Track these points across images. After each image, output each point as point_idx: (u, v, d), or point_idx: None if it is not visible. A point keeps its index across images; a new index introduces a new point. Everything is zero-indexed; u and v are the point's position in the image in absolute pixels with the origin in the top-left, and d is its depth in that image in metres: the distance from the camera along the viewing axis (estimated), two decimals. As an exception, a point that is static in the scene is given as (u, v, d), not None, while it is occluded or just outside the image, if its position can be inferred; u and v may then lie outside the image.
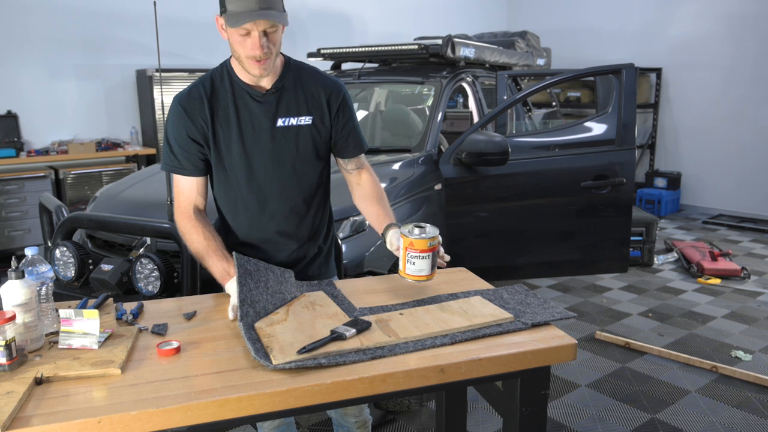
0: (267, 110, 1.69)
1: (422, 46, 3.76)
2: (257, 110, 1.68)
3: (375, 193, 1.85)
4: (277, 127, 1.69)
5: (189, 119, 1.66)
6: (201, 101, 1.66)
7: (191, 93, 1.68)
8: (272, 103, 1.69)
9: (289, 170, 1.73)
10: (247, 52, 1.57)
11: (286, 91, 1.70)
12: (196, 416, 1.14)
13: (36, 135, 5.32)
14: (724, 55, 6.47)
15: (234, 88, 1.68)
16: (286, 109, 1.70)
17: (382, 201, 1.84)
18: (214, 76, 1.70)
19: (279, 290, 1.60)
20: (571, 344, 1.39)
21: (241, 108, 1.68)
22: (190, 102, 1.67)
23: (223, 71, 1.70)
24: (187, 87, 1.71)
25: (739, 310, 3.97)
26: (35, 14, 5.16)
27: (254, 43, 1.54)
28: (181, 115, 1.67)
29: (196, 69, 5.66)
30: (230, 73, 1.69)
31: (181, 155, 1.69)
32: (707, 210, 6.79)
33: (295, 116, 1.71)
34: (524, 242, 3.42)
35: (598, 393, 2.94)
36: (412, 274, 1.64)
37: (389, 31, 7.03)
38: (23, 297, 1.32)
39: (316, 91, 1.73)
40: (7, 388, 1.16)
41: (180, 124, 1.67)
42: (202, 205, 1.75)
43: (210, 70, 1.73)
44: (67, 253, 2.32)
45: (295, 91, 1.71)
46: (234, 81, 1.68)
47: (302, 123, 1.71)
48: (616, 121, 3.27)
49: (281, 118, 1.69)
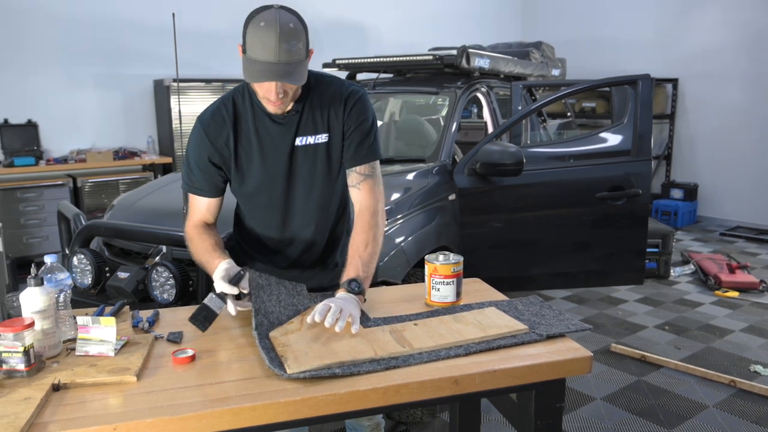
0: (286, 131, 1.69)
1: (437, 57, 3.77)
2: (276, 131, 1.68)
3: (359, 240, 1.67)
4: (295, 146, 1.70)
5: (210, 143, 1.67)
6: (223, 124, 1.67)
7: (214, 116, 1.68)
8: (292, 123, 1.68)
9: (308, 188, 1.74)
10: (262, 93, 1.57)
11: (305, 111, 1.69)
12: (210, 424, 1.14)
13: (55, 143, 5.40)
14: (741, 66, 6.42)
15: (254, 110, 1.68)
16: (305, 128, 1.70)
17: (362, 249, 1.65)
18: (236, 97, 1.70)
19: (292, 303, 1.61)
20: (586, 357, 1.38)
21: (261, 130, 1.68)
22: (213, 125, 1.68)
23: (245, 92, 1.70)
24: (209, 108, 1.71)
25: (758, 324, 3.91)
26: (56, 25, 5.25)
27: (270, 89, 1.54)
28: (203, 139, 1.68)
29: (213, 79, 5.72)
30: (251, 94, 1.68)
31: (199, 177, 1.71)
32: (724, 222, 6.70)
33: (313, 134, 1.70)
34: (539, 253, 3.39)
35: (613, 406, 2.91)
36: (437, 300, 1.67)
37: (404, 41, 7.05)
38: (42, 304, 1.33)
39: (334, 103, 1.70)
40: (25, 394, 1.17)
41: (201, 147, 1.69)
42: (212, 222, 1.79)
43: (231, 90, 1.73)
44: (85, 260, 2.35)
45: (312, 109, 1.69)
46: (255, 103, 1.68)
47: (319, 141, 1.71)
48: (631, 132, 3.25)
49: (300, 138, 1.69)
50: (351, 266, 1.64)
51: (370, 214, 1.71)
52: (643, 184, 3.24)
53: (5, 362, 1.24)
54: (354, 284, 1.58)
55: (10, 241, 4.81)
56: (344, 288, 1.58)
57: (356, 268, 1.62)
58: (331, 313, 1.43)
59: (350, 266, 1.64)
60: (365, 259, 1.64)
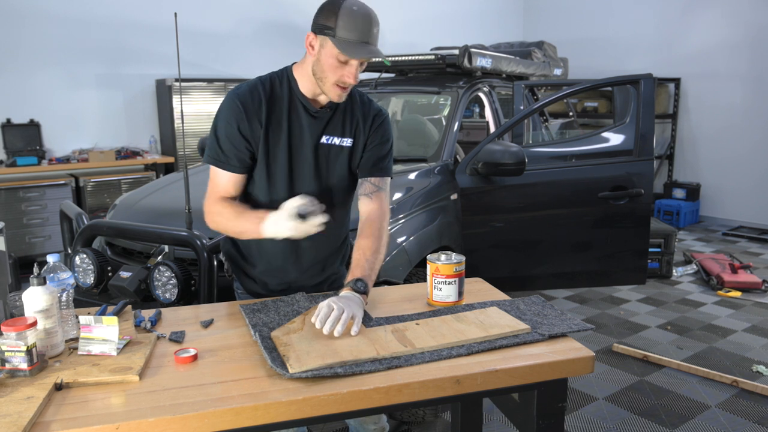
0: (316, 125, 1.71)
1: (439, 56, 3.77)
2: (307, 123, 1.70)
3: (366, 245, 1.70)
4: (320, 143, 1.72)
5: (245, 116, 1.65)
6: (260, 102, 1.66)
7: (252, 91, 1.67)
8: (323, 119, 1.71)
9: (324, 186, 1.76)
10: (340, 78, 1.60)
11: (338, 111, 1.73)
12: (212, 424, 1.15)
13: (57, 143, 5.41)
14: (743, 65, 6.40)
15: (291, 97, 1.69)
16: (333, 128, 1.73)
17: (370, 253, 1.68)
18: (274, 80, 1.70)
19: (291, 311, 1.61)
20: (588, 356, 1.38)
21: (293, 118, 1.70)
22: (250, 99, 1.66)
23: (284, 77, 1.70)
24: (246, 84, 1.69)
25: (760, 324, 3.90)
26: (58, 25, 5.26)
27: (351, 73, 1.59)
28: (238, 111, 1.65)
29: (215, 79, 5.72)
30: (290, 81, 1.69)
31: (228, 150, 1.66)
32: (727, 221, 6.69)
33: (339, 136, 1.73)
34: (541, 253, 3.39)
35: (615, 406, 2.90)
36: (439, 300, 1.68)
37: (406, 41, 7.05)
38: (45, 303, 1.34)
39: (364, 116, 1.76)
40: (28, 393, 1.18)
41: (234, 119, 1.65)
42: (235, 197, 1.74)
43: (269, 74, 1.72)
44: (87, 260, 2.35)
45: (344, 112, 1.74)
46: (293, 90, 1.69)
47: (344, 144, 1.74)
48: (634, 132, 3.25)
49: (326, 136, 1.72)
50: (357, 267, 1.65)
51: (378, 222, 1.75)
52: (645, 183, 3.24)
53: (8, 361, 1.24)
54: (360, 283, 1.59)
55: (13, 240, 4.82)
56: (350, 287, 1.58)
57: (363, 268, 1.64)
58: (331, 319, 1.43)
59: (356, 267, 1.65)
60: (371, 262, 1.67)
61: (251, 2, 6.11)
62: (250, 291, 1.87)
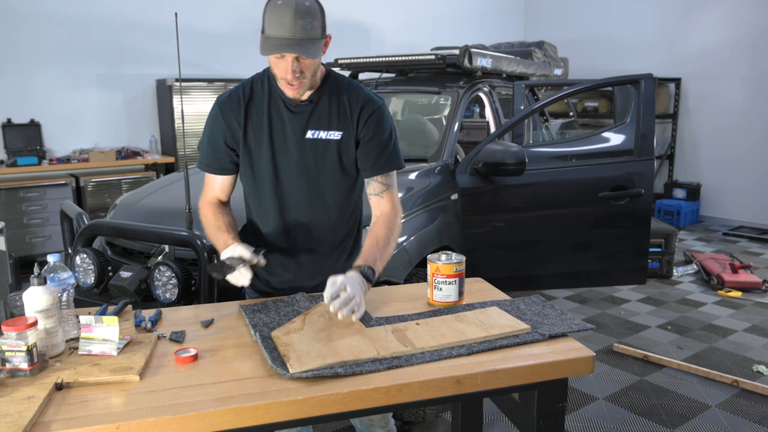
0: (299, 121, 1.70)
1: (439, 56, 3.77)
2: (289, 120, 1.71)
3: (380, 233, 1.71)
4: (306, 138, 1.71)
5: (224, 122, 1.73)
6: (238, 104, 1.72)
7: (231, 96, 1.74)
8: (305, 114, 1.70)
9: (314, 182, 1.74)
10: (280, 73, 1.60)
11: (320, 104, 1.71)
12: (212, 423, 1.15)
13: (58, 143, 5.41)
14: (744, 65, 6.40)
15: (271, 95, 1.71)
16: (317, 121, 1.71)
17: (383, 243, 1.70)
18: (255, 81, 1.74)
19: (291, 310, 1.62)
20: (589, 356, 1.38)
21: (274, 115, 1.71)
22: (228, 105, 1.73)
23: (264, 77, 1.74)
24: (228, 90, 1.77)
25: (761, 324, 3.90)
26: (58, 25, 5.26)
27: (286, 67, 1.57)
28: (217, 118, 1.74)
29: (215, 79, 5.72)
30: (270, 79, 1.72)
31: (211, 155, 1.77)
32: (727, 221, 6.69)
33: (326, 130, 1.72)
34: (541, 253, 3.39)
35: (615, 406, 2.90)
36: (440, 300, 1.67)
37: (406, 41, 7.06)
38: (45, 303, 1.34)
39: (350, 106, 1.72)
40: (28, 393, 1.18)
41: (215, 125, 1.75)
42: (225, 200, 1.84)
43: (254, 75, 1.76)
44: (87, 260, 2.35)
45: (329, 104, 1.71)
46: (272, 88, 1.71)
47: (331, 138, 1.72)
48: (634, 132, 3.25)
49: (311, 131, 1.71)
50: (369, 255, 1.66)
51: (391, 219, 1.76)
52: (645, 183, 3.24)
53: (8, 361, 1.24)
54: (367, 268, 1.60)
55: (13, 240, 4.82)
56: (357, 269, 1.59)
57: (374, 257, 1.65)
58: (342, 300, 1.45)
59: (368, 254, 1.66)
60: (382, 251, 1.68)
61: (251, 2, 6.11)
62: (255, 288, 1.88)
